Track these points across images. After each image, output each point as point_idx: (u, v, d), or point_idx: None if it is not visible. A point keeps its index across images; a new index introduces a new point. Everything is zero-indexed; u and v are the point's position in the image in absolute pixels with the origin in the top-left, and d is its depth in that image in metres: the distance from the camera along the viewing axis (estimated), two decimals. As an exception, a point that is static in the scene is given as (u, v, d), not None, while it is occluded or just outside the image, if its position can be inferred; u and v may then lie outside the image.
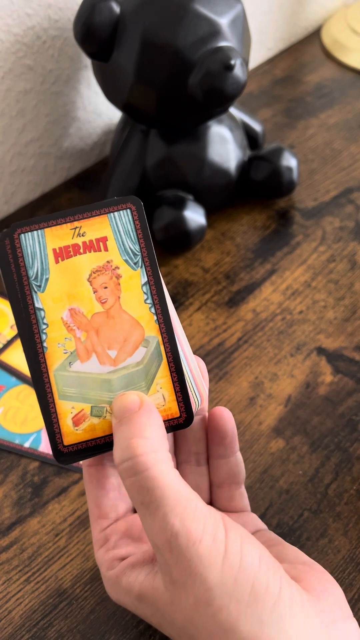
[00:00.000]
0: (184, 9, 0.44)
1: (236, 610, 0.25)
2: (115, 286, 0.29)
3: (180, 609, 0.26)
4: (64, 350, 0.28)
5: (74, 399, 0.28)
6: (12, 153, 0.54)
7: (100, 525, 0.31)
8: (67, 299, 0.28)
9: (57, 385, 0.28)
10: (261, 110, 0.66)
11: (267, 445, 0.42)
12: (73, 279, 0.29)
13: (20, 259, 0.28)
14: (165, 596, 0.26)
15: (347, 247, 0.53)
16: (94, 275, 0.29)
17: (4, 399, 0.44)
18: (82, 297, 0.29)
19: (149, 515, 0.26)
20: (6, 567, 0.37)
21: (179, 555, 0.25)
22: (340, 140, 0.63)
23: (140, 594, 0.28)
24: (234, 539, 0.26)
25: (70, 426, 0.28)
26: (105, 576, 0.30)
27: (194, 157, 0.51)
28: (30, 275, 0.28)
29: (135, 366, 0.29)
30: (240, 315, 0.49)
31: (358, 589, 0.36)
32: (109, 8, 0.45)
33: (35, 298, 0.28)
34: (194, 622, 0.26)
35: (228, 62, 0.43)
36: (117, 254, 0.29)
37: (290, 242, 0.54)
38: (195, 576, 0.25)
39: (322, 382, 0.45)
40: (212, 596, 0.25)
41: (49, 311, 0.28)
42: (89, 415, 0.29)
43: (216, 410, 0.32)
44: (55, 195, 0.58)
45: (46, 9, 0.50)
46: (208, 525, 0.26)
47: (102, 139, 0.61)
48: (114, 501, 0.31)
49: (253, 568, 0.25)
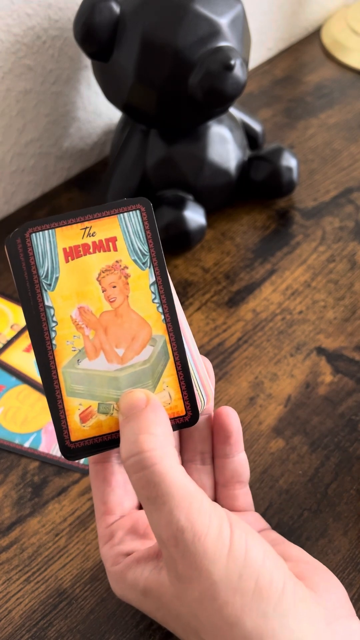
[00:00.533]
0: (184, 9, 0.44)
1: (241, 605, 0.25)
2: (124, 285, 0.29)
3: (185, 603, 0.26)
4: (73, 347, 0.29)
5: (81, 396, 0.29)
6: (12, 153, 0.54)
7: (105, 522, 0.31)
8: (76, 298, 0.29)
9: (65, 382, 0.29)
10: (261, 110, 0.66)
11: (267, 445, 0.42)
12: (82, 278, 0.29)
13: (31, 258, 0.29)
14: (170, 591, 0.27)
15: (347, 247, 0.53)
16: (103, 275, 0.29)
17: (4, 399, 0.44)
18: (91, 295, 0.29)
19: (155, 511, 0.26)
20: (6, 567, 0.37)
21: (184, 549, 0.25)
22: (340, 140, 0.63)
23: (145, 588, 0.28)
24: (239, 534, 0.26)
25: (78, 422, 0.29)
26: (110, 572, 0.30)
27: (194, 157, 0.51)
28: (41, 274, 0.29)
29: (142, 364, 0.29)
30: (240, 315, 0.49)
31: (358, 589, 0.36)
32: (109, 8, 0.45)
33: (45, 296, 0.29)
34: (199, 616, 0.26)
35: (228, 62, 0.43)
36: (126, 254, 0.29)
37: (290, 242, 0.54)
38: (200, 570, 0.25)
39: (322, 382, 0.45)
40: (217, 590, 0.25)
41: (59, 309, 0.29)
42: (96, 412, 0.29)
43: (222, 410, 0.32)
44: (55, 195, 0.59)
45: (46, 9, 0.50)
46: (213, 521, 0.26)
47: (102, 139, 0.61)
48: (120, 498, 0.31)
49: (258, 564, 0.26)
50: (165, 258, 0.53)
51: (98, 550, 0.37)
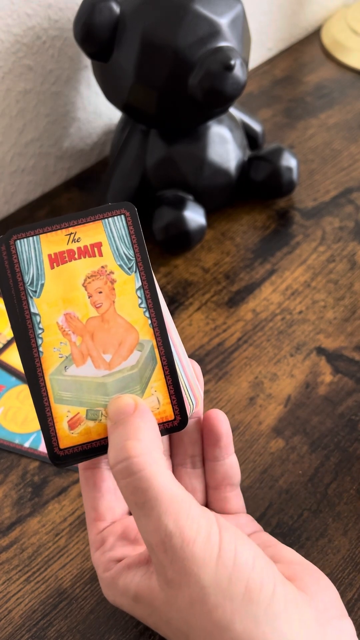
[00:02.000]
0: (184, 9, 0.44)
1: (231, 609, 0.25)
2: (110, 291, 0.29)
3: (175, 609, 0.26)
4: (60, 354, 0.29)
5: (69, 403, 0.29)
6: (12, 153, 0.54)
7: (96, 528, 0.31)
8: (62, 304, 0.29)
9: (52, 389, 0.29)
10: (261, 110, 0.66)
11: (266, 445, 0.42)
12: (68, 284, 0.29)
13: (16, 265, 0.29)
14: (160, 596, 0.27)
15: (347, 247, 0.53)
16: (88, 280, 0.29)
17: (4, 399, 0.44)
18: (77, 301, 0.29)
19: (143, 516, 0.26)
20: (6, 566, 0.37)
21: (173, 555, 0.25)
22: (340, 140, 0.63)
23: (136, 594, 0.28)
24: (228, 539, 0.26)
25: (66, 430, 0.29)
26: (102, 578, 0.30)
27: (194, 157, 0.51)
28: (26, 280, 0.29)
29: (129, 370, 0.29)
30: (240, 315, 0.49)
31: (358, 589, 0.36)
32: (109, 8, 0.45)
33: (31, 303, 0.29)
34: (189, 621, 0.26)
35: (228, 63, 0.43)
36: (111, 259, 0.29)
37: (290, 242, 0.54)
38: (189, 576, 0.25)
39: (321, 382, 0.45)
40: (206, 595, 0.25)
41: (45, 316, 0.29)
42: (85, 418, 0.29)
43: (211, 413, 0.32)
44: (55, 195, 0.59)
45: (46, 9, 0.50)
46: (202, 526, 0.26)
47: (102, 139, 0.61)
48: (111, 503, 0.31)
49: (247, 567, 0.26)
50: (165, 258, 0.53)
51: (98, 550, 0.38)
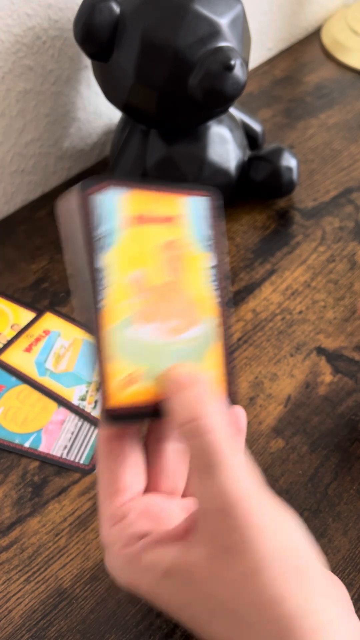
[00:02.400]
0: (184, 9, 0.44)
1: (284, 583, 0.25)
2: (185, 262, 0.29)
3: (223, 582, 0.25)
4: (123, 312, 0.28)
5: (127, 361, 0.28)
6: (13, 153, 0.54)
7: (116, 502, 0.29)
8: (134, 264, 0.28)
9: (112, 344, 0.28)
10: (261, 111, 0.66)
11: (267, 445, 0.42)
12: (143, 246, 0.29)
13: (93, 216, 0.28)
14: (204, 570, 0.26)
15: (347, 247, 0.53)
16: (165, 248, 0.29)
17: (4, 399, 0.44)
18: (151, 265, 0.29)
19: (208, 479, 0.26)
20: (6, 566, 0.37)
21: (234, 522, 0.25)
22: (340, 140, 0.63)
23: (169, 569, 0.27)
24: (284, 514, 0.26)
25: (119, 388, 0.28)
26: (120, 555, 0.28)
27: (194, 157, 0.51)
28: (100, 234, 0.28)
29: (191, 341, 0.29)
30: (240, 316, 0.49)
31: (358, 589, 0.36)
32: (109, 8, 0.45)
33: (101, 257, 0.28)
34: (239, 594, 0.25)
35: (228, 63, 0.43)
36: (191, 234, 0.29)
37: (290, 242, 0.54)
38: (249, 544, 0.25)
39: (321, 382, 0.45)
40: (263, 567, 0.25)
41: (114, 273, 0.28)
42: (141, 378, 0.28)
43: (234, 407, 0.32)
44: (56, 195, 0.58)
45: (46, 9, 0.50)
46: (265, 497, 0.26)
47: (102, 139, 0.61)
48: (133, 477, 0.30)
49: (301, 545, 0.26)
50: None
51: (98, 550, 0.37)
